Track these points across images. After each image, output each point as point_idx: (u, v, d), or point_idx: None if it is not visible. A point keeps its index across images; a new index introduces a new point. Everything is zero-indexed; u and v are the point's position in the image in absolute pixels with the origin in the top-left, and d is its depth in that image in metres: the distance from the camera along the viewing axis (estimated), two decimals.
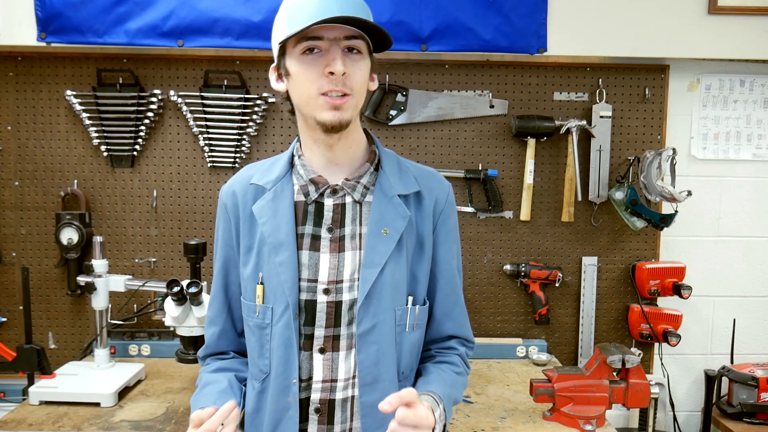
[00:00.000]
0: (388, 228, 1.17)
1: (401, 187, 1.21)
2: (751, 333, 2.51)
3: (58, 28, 2.17)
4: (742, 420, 2.25)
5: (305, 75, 1.11)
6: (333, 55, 1.09)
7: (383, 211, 1.18)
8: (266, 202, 1.20)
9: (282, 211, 1.19)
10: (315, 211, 1.20)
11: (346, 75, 1.10)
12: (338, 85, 1.10)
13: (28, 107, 2.31)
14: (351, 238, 1.18)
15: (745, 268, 2.48)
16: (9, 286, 2.37)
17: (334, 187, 1.20)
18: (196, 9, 2.18)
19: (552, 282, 2.36)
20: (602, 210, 2.39)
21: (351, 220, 1.19)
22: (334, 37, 1.09)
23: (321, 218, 1.19)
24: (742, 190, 2.45)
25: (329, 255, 1.18)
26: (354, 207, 1.20)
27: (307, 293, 1.17)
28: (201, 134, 2.31)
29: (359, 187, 1.20)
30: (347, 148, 1.20)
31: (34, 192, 2.34)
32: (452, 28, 2.21)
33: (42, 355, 2.00)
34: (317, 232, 1.19)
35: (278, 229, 1.18)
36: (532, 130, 2.31)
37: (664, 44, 2.26)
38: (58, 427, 1.74)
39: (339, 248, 1.18)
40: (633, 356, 1.79)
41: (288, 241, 1.17)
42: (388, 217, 1.18)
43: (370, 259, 1.16)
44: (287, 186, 1.21)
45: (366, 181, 1.21)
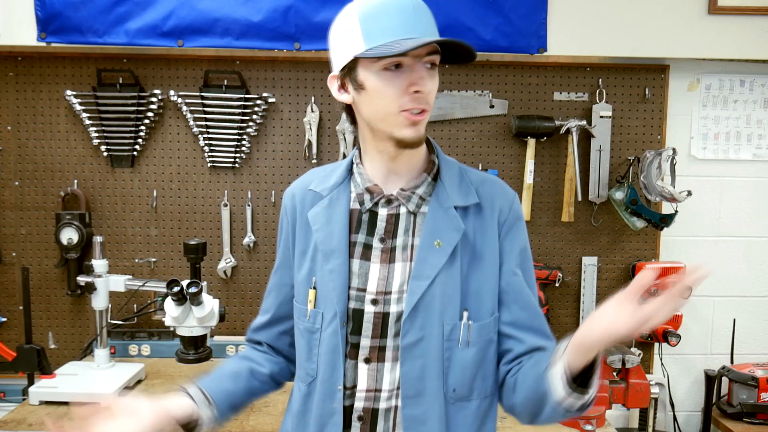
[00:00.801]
0: (442, 240, 1.14)
1: (459, 198, 1.18)
2: (751, 333, 2.51)
3: (58, 28, 2.17)
4: (742, 420, 2.25)
5: (386, 91, 1.08)
6: (420, 74, 1.08)
7: (437, 223, 1.15)
8: (321, 209, 1.20)
9: (336, 218, 1.18)
10: (369, 220, 1.18)
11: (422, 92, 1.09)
12: (421, 104, 1.09)
13: (28, 107, 2.31)
14: (402, 249, 1.16)
15: (745, 268, 2.48)
16: (9, 286, 2.37)
17: (389, 197, 1.18)
18: (196, 9, 2.18)
19: (552, 282, 2.36)
20: (602, 210, 2.39)
21: (404, 231, 1.17)
22: (418, 54, 1.08)
23: (374, 228, 1.18)
24: (742, 190, 2.45)
25: (379, 265, 1.16)
26: (408, 218, 1.18)
27: (356, 302, 1.16)
28: (201, 134, 2.31)
29: (414, 197, 1.18)
30: (410, 158, 1.18)
31: (34, 192, 2.34)
32: (452, 28, 2.21)
33: (42, 355, 2.00)
34: (369, 241, 1.17)
35: (331, 236, 1.17)
36: (532, 130, 2.31)
37: (664, 44, 2.26)
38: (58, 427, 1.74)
39: (390, 259, 1.16)
40: (633, 356, 1.80)
41: (340, 249, 1.16)
42: (442, 228, 1.15)
43: (420, 271, 1.13)
44: (344, 194, 1.20)
45: (422, 191, 1.18)
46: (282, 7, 2.19)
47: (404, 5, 1.06)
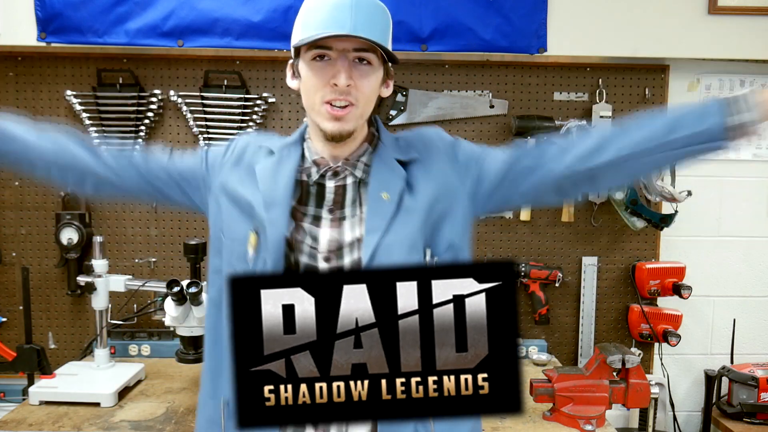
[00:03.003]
0: (388, 191, 1.17)
1: (398, 153, 1.22)
2: (751, 333, 2.51)
3: (58, 28, 2.17)
4: (742, 420, 2.25)
5: (312, 81, 1.14)
6: (338, 68, 1.11)
7: (381, 177, 1.19)
8: (270, 164, 1.22)
9: (283, 173, 1.20)
10: (317, 193, 1.20)
11: (352, 86, 1.11)
12: (342, 95, 1.12)
13: (28, 107, 2.31)
14: (351, 216, 1.19)
15: (745, 268, 2.48)
16: (9, 286, 2.37)
17: (336, 168, 1.20)
18: (196, 9, 2.18)
19: (552, 282, 2.36)
20: (602, 210, 2.39)
21: (351, 202, 1.19)
22: (342, 48, 1.11)
23: (322, 200, 1.20)
24: (742, 190, 2.45)
25: (329, 229, 1.18)
26: (354, 188, 1.20)
27: (309, 258, 1.16)
28: (201, 134, 2.31)
29: (360, 164, 1.21)
30: (350, 146, 1.22)
31: (34, 192, 2.34)
32: (452, 28, 2.21)
33: (42, 355, 2.00)
34: (318, 213, 1.19)
35: (275, 189, 1.18)
36: (532, 130, 2.31)
37: (664, 44, 2.26)
38: (58, 427, 1.74)
39: (339, 225, 1.19)
40: (633, 356, 1.80)
41: (282, 203, 1.16)
42: (387, 180, 1.18)
43: (372, 224, 1.15)
44: (294, 153, 1.22)
45: (366, 159, 1.22)
46: (282, 7, 2.19)
47: (342, 1, 1.09)
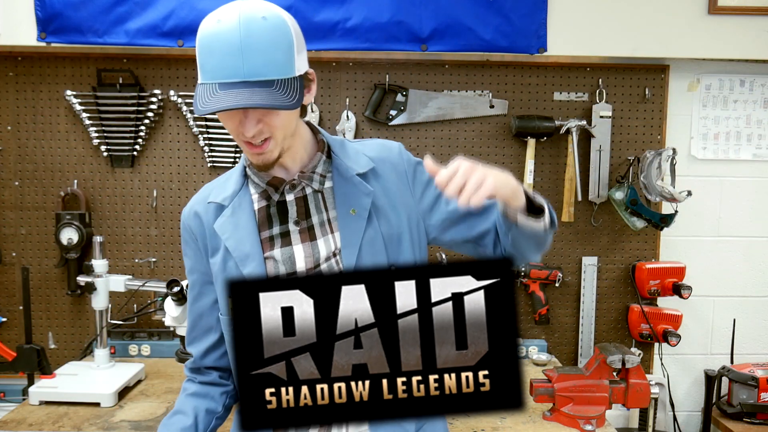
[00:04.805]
0: (356, 207, 1.19)
1: (356, 166, 1.22)
2: (751, 333, 2.51)
3: (58, 28, 2.17)
4: (742, 420, 2.25)
5: (227, 125, 1.13)
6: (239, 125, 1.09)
7: (346, 193, 1.20)
8: (226, 218, 1.22)
9: (243, 224, 1.20)
10: (279, 212, 1.21)
11: (263, 125, 1.09)
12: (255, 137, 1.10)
13: (28, 107, 2.31)
14: (320, 225, 1.20)
15: (745, 268, 2.48)
16: (9, 286, 2.37)
17: (292, 182, 1.21)
18: (196, 9, 2.18)
19: (552, 282, 2.36)
20: (602, 210, 2.39)
21: (316, 210, 1.21)
22: None
23: (286, 215, 1.21)
24: (742, 190, 2.45)
25: (302, 245, 1.19)
26: (315, 196, 1.22)
27: None
28: (201, 134, 2.31)
29: (315, 176, 1.22)
30: (292, 156, 1.21)
31: (34, 192, 2.34)
32: (452, 28, 2.21)
33: (42, 355, 2.00)
34: (285, 229, 1.20)
35: (242, 242, 1.19)
36: (532, 130, 2.31)
37: (664, 44, 2.26)
38: (58, 427, 1.74)
39: (311, 237, 1.20)
40: (633, 356, 1.80)
41: (253, 252, 1.18)
42: (352, 196, 1.20)
43: (348, 239, 1.17)
44: (245, 198, 1.22)
45: (321, 169, 1.22)
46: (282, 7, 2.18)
47: (230, 42, 1.03)
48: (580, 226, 2.41)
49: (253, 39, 1.04)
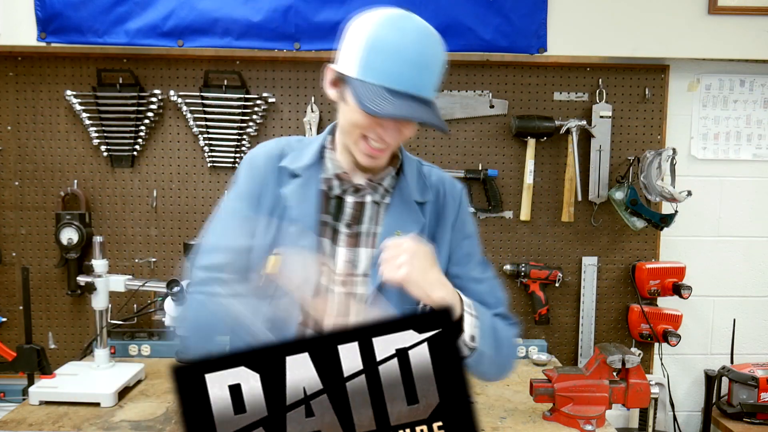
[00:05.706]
0: (402, 231, 1.21)
1: (419, 194, 1.26)
2: (751, 333, 2.51)
3: (58, 28, 2.17)
4: (742, 420, 2.25)
5: (356, 118, 1.12)
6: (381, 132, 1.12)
7: (400, 215, 1.23)
8: (296, 187, 1.23)
9: (310, 198, 1.22)
10: (336, 205, 1.23)
11: (401, 134, 1.15)
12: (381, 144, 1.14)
13: (28, 107, 2.31)
14: (366, 235, 1.23)
15: (745, 268, 2.48)
16: (9, 286, 2.37)
17: (357, 185, 1.23)
18: (196, 9, 2.18)
19: (552, 282, 2.36)
20: (602, 210, 2.39)
21: (368, 219, 1.23)
22: None
23: (341, 213, 1.23)
24: (742, 190, 2.45)
25: (346, 249, 1.22)
26: (373, 207, 1.24)
27: (328, 281, 1.20)
28: (201, 134, 2.31)
29: (380, 189, 1.24)
30: None
31: (34, 192, 2.34)
32: (452, 28, 2.21)
33: (42, 355, 1.99)
34: (336, 226, 1.23)
35: (306, 216, 1.20)
36: (532, 130, 2.31)
37: (664, 44, 2.26)
38: (58, 427, 1.74)
39: (355, 243, 1.22)
40: (633, 356, 1.80)
41: (311, 230, 1.20)
42: (404, 220, 1.23)
43: None
44: (316, 174, 1.24)
45: (387, 184, 1.25)
46: (282, 7, 2.19)
47: (410, 56, 1.07)
48: (580, 226, 2.41)
49: (429, 56, 1.10)
